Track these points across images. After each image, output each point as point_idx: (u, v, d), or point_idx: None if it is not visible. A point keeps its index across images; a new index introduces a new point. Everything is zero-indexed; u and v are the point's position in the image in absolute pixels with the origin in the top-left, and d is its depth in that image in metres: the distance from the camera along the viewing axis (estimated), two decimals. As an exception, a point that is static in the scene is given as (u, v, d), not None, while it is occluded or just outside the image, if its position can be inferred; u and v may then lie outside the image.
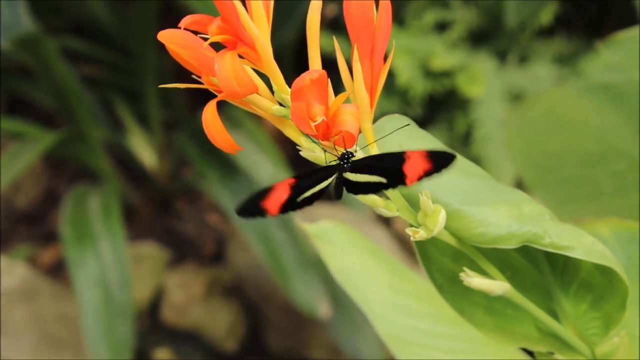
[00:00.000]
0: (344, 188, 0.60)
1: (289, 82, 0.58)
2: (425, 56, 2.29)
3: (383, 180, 0.59)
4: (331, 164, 0.60)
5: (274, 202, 0.59)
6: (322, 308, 1.86)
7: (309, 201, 0.61)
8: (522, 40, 2.39)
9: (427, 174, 0.57)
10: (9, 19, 1.96)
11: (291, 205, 0.60)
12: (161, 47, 0.59)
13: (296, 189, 0.60)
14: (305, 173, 0.60)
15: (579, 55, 2.28)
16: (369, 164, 0.59)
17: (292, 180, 0.60)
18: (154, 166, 2.39)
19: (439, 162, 0.57)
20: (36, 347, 2.02)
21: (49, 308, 2.09)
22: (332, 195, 0.62)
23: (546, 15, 2.32)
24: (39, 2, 2.25)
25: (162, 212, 2.45)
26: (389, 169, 0.59)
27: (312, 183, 0.60)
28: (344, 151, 0.59)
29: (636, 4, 1.50)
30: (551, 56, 2.36)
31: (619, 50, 1.32)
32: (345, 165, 0.59)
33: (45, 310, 2.08)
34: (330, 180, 0.60)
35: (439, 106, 2.37)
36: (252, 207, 0.59)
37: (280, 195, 0.59)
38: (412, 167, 0.58)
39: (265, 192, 0.59)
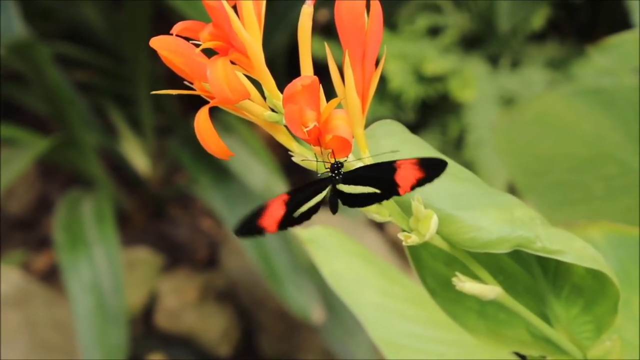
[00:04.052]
0: (340, 200, 0.61)
1: (283, 87, 0.58)
2: (417, 61, 2.29)
3: (377, 191, 0.59)
4: (322, 176, 0.60)
5: (270, 219, 0.59)
6: (315, 313, 1.86)
7: (307, 215, 0.61)
8: (514, 45, 2.39)
9: (420, 182, 0.58)
10: (2, 24, 1.96)
11: (289, 221, 0.60)
12: (153, 52, 0.59)
13: (291, 204, 0.60)
14: (297, 188, 0.60)
15: (570, 60, 2.29)
16: (361, 175, 0.60)
17: (285, 196, 0.59)
18: (147, 171, 2.39)
19: (430, 169, 0.58)
20: (29, 352, 2.02)
21: (42, 314, 2.09)
22: (327, 205, 0.62)
23: (538, 20, 2.32)
24: (31, 7, 2.25)
25: (155, 217, 2.45)
26: (382, 180, 0.59)
27: (306, 197, 0.60)
28: (334, 162, 0.59)
29: (629, 7, 1.50)
30: (543, 61, 2.37)
31: (610, 55, 1.33)
32: (337, 177, 0.59)
33: (38, 316, 2.08)
34: (324, 193, 0.60)
35: (432, 111, 2.38)
36: (250, 226, 0.59)
37: (276, 211, 0.59)
38: (404, 176, 0.58)
39: (260, 211, 0.59)
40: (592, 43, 1.34)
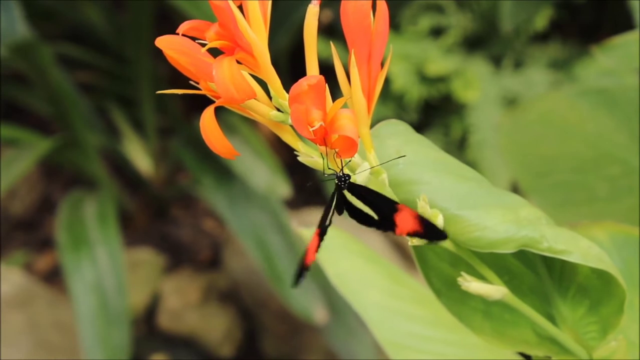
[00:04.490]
0: (345, 209, 0.62)
1: (285, 89, 0.58)
2: (420, 61, 2.29)
3: (375, 216, 0.61)
4: (330, 178, 0.60)
5: (310, 254, 0.61)
6: (318, 313, 1.86)
7: (329, 224, 0.62)
8: (517, 46, 2.39)
9: (417, 234, 0.60)
10: (5, 25, 1.96)
11: (322, 239, 0.62)
12: (156, 53, 0.59)
13: (323, 232, 0.61)
14: (322, 216, 0.62)
15: (573, 61, 2.29)
16: (364, 195, 0.61)
17: (317, 230, 0.61)
18: (150, 172, 2.39)
19: (430, 232, 0.60)
20: (32, 353, 2.02)
21: (45, 314, 2.09)
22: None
23: (541, 21, 2.32)
24: (34, 8, 2.25)
25: (158, 218, 2.45)
26: (382, 212, 0.61)
27: (328, 215, 0.62)
28: (341, 174, 0.60)
29: (632, 7, 1.50)
30: (546, 61, 2.37)
31: (613, 55, 1.33)
32: (342, 185, 0.60)
33: (41, 317, 2.08)
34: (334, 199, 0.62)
35: (435, 111, 2.38)
36: (301, 273, 0.61)
37: (313, 246, 0.61)
38: (404, 220, 0.60)
39: (303, 258, 0.61)
40: (595, 44, 1.34)
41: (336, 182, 0.60)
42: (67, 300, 2.03)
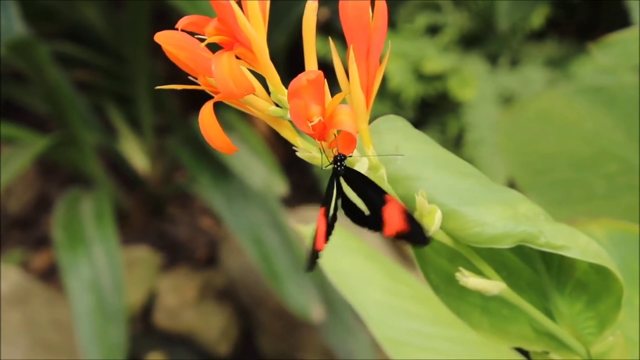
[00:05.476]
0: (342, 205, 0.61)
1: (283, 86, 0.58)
2: (417, 59, 2.29)
3: (366, 212, 0.60)
4: (329, 167, 0.60)
5: (320, 238, 0.60)
6: (315, 311, 1.86)
7: (335, 218, 0.62)
8: (513, 44, 2.39)
9: (402, 235, 0.59)
10: (2, 24, 1.96)
11: (330, 229, 0.61)
12: (153, 51, 0.59)
13: (327, 214, 0.61)
14: (325, 194, 0.61)
15: (570, 59, 2.29)
16: (360, 181, 0.60)
17: (322, 209, 0.60)
18: (147, 170, 2.39)
19: (414, 232, 0.59)
20: (29, 351, 2.02)
21: (42, 313, 2.09)
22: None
23: (537, 19, 2.32)
24: (31, 7, 2.25)
25: (155, 216, 2.44)
26: (372, 204, 0.60)
27: (331, 200, 0.61)
28: (337, 154, 0.59)
29: (629, 6, 1.50)
30: (542, 59, 2.37)
31: (610, 53, 1.33)
32: (340, 169, 0.60)
33: (38, 315, 2.08)
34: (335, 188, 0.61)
35: (431, 109, 2.38)
36: (314, 256, 0.60)
37: (322, 227, 0.60)
38: (390, 216, 0.59)
39: (314, 238, 0.60)
40: (592, 41, 1.34)
41: (333, 165, 0.60)
42: (64, 298, 2.03)
